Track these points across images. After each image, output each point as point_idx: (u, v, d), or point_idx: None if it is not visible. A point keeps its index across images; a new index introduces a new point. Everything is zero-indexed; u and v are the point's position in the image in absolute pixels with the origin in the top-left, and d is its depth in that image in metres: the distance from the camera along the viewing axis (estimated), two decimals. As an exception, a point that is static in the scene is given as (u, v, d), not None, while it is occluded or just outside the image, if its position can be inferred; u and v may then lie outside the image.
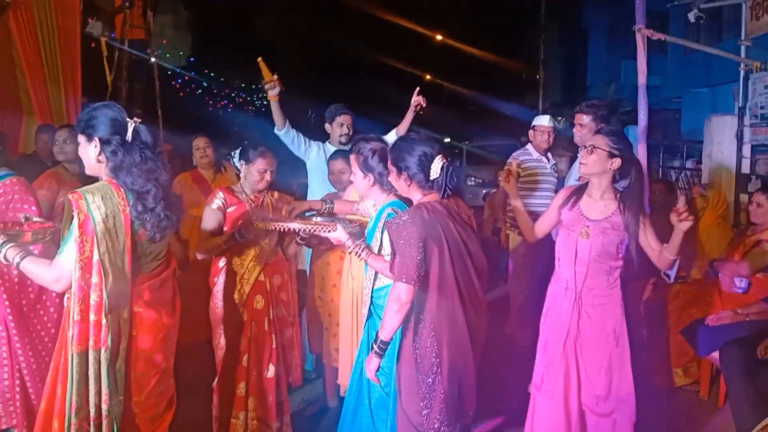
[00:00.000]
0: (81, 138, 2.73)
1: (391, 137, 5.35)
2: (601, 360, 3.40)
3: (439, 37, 28.36)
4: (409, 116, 5.20)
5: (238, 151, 3.91)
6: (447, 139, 20.97)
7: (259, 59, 4.88)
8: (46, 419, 2.64)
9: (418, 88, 5.22)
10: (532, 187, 5.43)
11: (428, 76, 34.23)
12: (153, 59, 8.69)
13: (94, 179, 2.76)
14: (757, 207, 4.77)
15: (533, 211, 4.69)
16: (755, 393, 3.71)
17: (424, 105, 5.16)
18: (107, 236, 2.54)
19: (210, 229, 3.77)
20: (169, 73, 17.09)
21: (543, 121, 5.64)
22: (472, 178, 16.73)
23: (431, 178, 2.94)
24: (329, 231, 3.39)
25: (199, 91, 22.74)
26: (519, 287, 5.83)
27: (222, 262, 3.79)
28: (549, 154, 5.73)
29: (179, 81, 20.01)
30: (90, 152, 2.70)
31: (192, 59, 20.07)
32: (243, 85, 27.68)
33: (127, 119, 2.70)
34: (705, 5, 7.37)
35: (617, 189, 3.47)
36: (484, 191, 15.02)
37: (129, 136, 2.67)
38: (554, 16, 23.35)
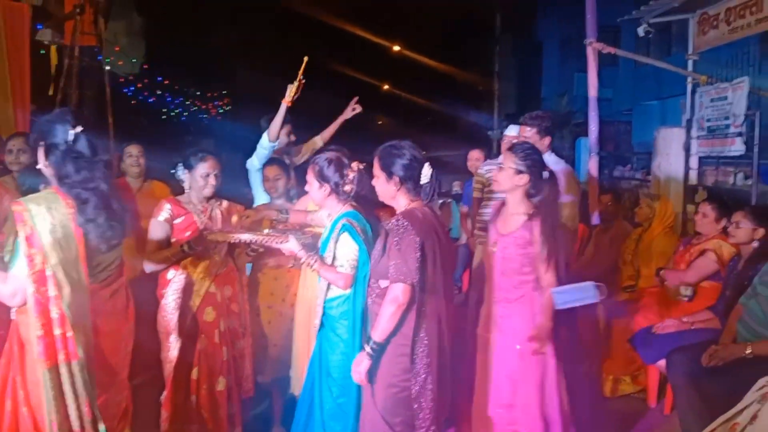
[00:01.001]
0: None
1: (317, 143, 5.34)
2: (507, 371, 3.45)
3: (396, 48, 28.48)
4: (338, 123, 5.22)
5: (180, 164, 3.86)
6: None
7: (306, 58, 4.81)
8: None
9: (356, 97, 5.24)
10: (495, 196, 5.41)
11: (386, 86, 34.40)
12: (105, 66, 8.53)
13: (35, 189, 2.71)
14: (702, 217, 4.87)
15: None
16: (701, 400, 3.78)
17: (359, 111, 5.21)
18: (57, 247, 2.48)
19: (157, 242, 3.70)
20: (121, 80, 16.82)
21: (512, 131, 5.52)
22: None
23: (421, 183, 3.02)
24: (281, 242, 3.37)
25: (152, 99, 22.39)
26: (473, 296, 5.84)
27: (171, 274, 3.71)
28: None
29: (131, 88, 19.69)
30: (39, 160, 2.66)
31: (145, 67, 19.79)
32: (198, 93, 27.37)
33: (70, 127, 2.65)
34: (654, 20, 7.56)
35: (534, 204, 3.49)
36: (441, 201, 15.07)
37: (67, 144, 2.62)
38: (509, 29, 23.66)
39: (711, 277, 4.73)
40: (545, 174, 3.39)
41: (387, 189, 3.08)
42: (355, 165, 3.39)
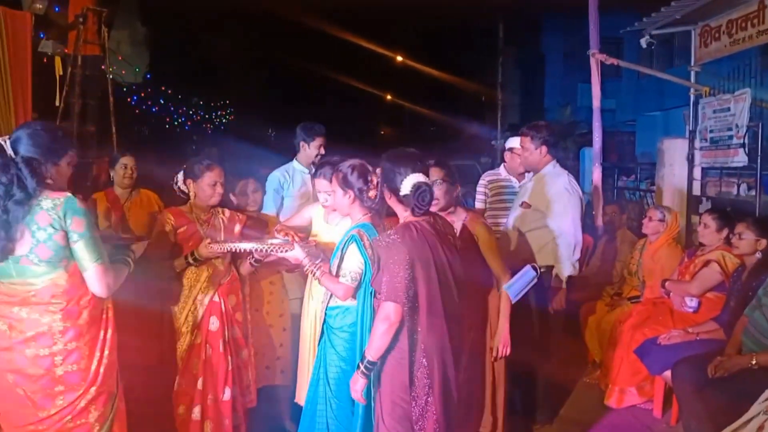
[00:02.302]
0: None
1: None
2: None
3: (399, 59, 28.58)
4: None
5: (180, 175, 3.85)
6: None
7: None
8: None
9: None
10: (499, 207, 5.37)
11: (389, 97, 34.52)
12: (108, 75, 8.56)
13: None
14: (704, 228, 4.87)
15: (502, 231, 4.76)
16: (706, 411, 3.76)
17: None
18: None
19: (161, 252, 3.70)
20: (125, 89, 16.85)
21: (515, 143, 5.47)
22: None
23: (402, 194, 2.90)
24: (286, 251, 3.36)
25: (155, 108, 22.44)
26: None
27: (175, 284, 3.72)
28: (528, 175, 5.65)
29: (135, 98, 19.72)
30: None
31: (148, 75, 19.82)
32: (201, 102, 27.44)
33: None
34: (656, 32, 7.59)
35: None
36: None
37: None
38: (512, 40, 23.76)
39: (715, 288, 4.72)
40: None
41: (390, 201, 3.02)
42: (379, 172, 3.36)
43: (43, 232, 2.61)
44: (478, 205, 5.46)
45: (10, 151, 2.67)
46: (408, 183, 2.88)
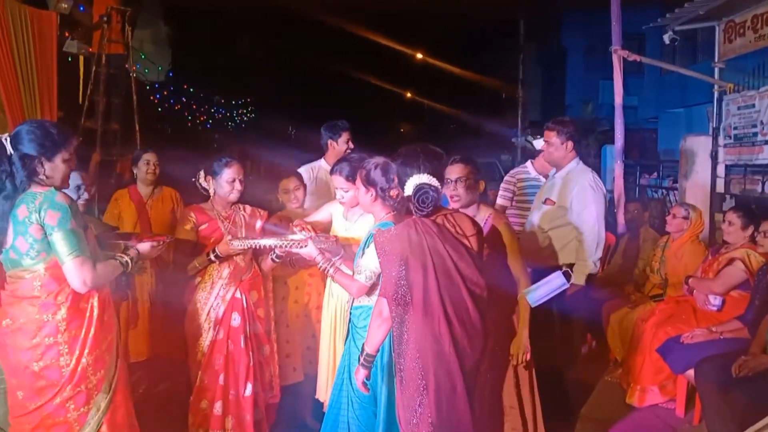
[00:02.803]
0: None
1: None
2: None
3: (419, 56, 28.52)
4: None
5: (202, 172, 3.89)
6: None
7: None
8: None
9: None
10: (527, 206, 5.31)
11: (409, 94, 34.48)
12: (131, 74, 8.64)
13: None
14: (729, 225, 4.82)
15: (527, 229, 4.72)
16: (730, 411, 3.73)
17: None
18: None
19: (184, 250, 3.74)
20: (148, 87, 17.00)
21: (539, 144, 5.36)
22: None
23: (405, 194, 2.91)
24: (300, 247, 3.38)
25: (178, 106, 22.60)
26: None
27: (197, 280, 3.76)
28: (552, 171, 5.60)
29: (158, 96, 19.89)
30: None
31: (171, 74, 19.98)
32: (222, 100, 27.61)
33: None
34: (680, 27, 7.50)
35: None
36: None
37: None
38: (533, 36, 23.59)
39: (739, 287, 4.67)
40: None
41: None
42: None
43: (21, 226, 2.70)
44: (501, 202, 5.41)
45: (9, 148, 2.74)
46: (410, 184, 2.88)
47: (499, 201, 5.44)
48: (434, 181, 2.91)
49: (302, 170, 4.98)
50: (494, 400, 3.27)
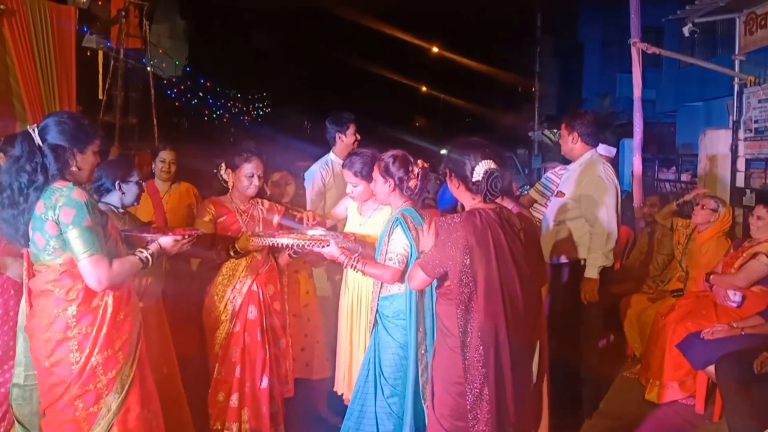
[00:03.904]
0: None
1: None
2: None
3: (435, 50, 28.45)
4: None
5: (222, 164, 3.90)
6: (443, 151, 21.01)
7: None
8: None
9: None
10: None
11: (424, 88, 34.41)
12: (149, 68, 8.69)
13: None
14: (757, 220, 4.76)
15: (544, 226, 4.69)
16: (750, 407, 3.70)
17: None
18: None
19: (203, 242, 3.75)
20: (165, 82, 17.08)
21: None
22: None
23: (473, 180, 2.90)
24: (322, 246, 3.39)
25: (195, 101, 22.71)
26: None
27: (214, 273, 3.78)
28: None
29: (174, 90, 19.99)
30: None
31: (188, 68, 20.08)
32: (239, 95, 27.71)
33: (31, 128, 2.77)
34: (699, 20, 7.43)
35: None
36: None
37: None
38: (550, 30, 23.49)
39: (762, 282, 4.62)
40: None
41: (451, 186, 3.05)
42: (420, 162, 3.42)
43: (38, 221, 2.66)
44: (535, 194, 5.41)
45: (38, 139, 2.70)
46: (480, 169, 2.88)
47: (533, 194, 5.43)
48: (500, 168, 2.95)
49: (316, 169, 4.98)
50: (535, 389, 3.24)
